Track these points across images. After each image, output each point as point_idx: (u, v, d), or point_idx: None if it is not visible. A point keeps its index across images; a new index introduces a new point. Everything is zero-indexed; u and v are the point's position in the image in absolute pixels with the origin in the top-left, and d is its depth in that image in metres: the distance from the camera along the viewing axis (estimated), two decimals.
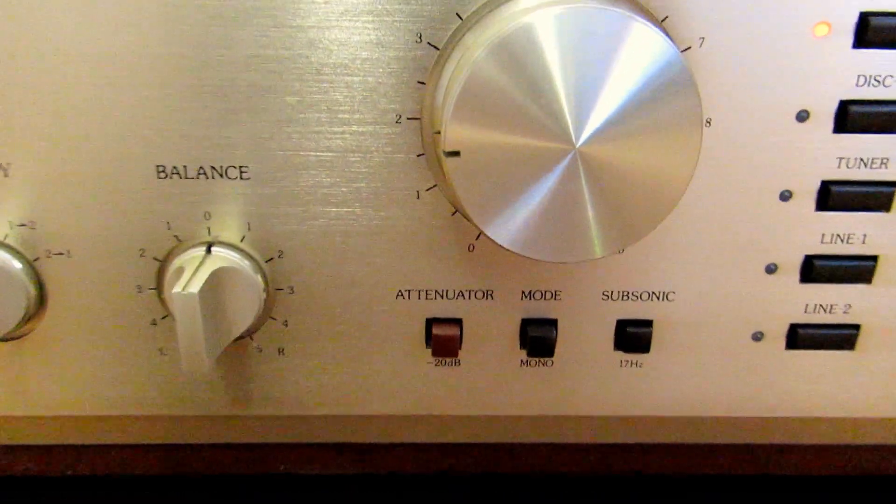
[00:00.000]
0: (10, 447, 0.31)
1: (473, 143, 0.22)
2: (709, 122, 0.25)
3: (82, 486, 0.32)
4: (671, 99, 0.22)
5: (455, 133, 0.22)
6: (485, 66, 0.21)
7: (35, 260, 0.26)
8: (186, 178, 0.26)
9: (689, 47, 0.24)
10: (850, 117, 0.25)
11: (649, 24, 0.21)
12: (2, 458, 0.31)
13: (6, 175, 0.25)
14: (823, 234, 0.27)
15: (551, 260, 0.23)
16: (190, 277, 0.25)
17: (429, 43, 0.24)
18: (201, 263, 0.25)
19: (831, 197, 0.26)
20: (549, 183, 0.22)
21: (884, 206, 0.27)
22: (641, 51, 0.21)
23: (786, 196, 0.26)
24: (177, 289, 0.24)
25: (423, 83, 0.25)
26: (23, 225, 0.26)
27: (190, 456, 0.32)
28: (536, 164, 0.22)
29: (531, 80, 0.21)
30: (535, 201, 0.22)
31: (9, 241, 0.26)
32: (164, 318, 0.28)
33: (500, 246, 0.23)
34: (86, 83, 0.24)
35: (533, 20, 0.21)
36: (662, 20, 0.24)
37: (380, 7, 0.24)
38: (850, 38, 0.24)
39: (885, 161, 0.26)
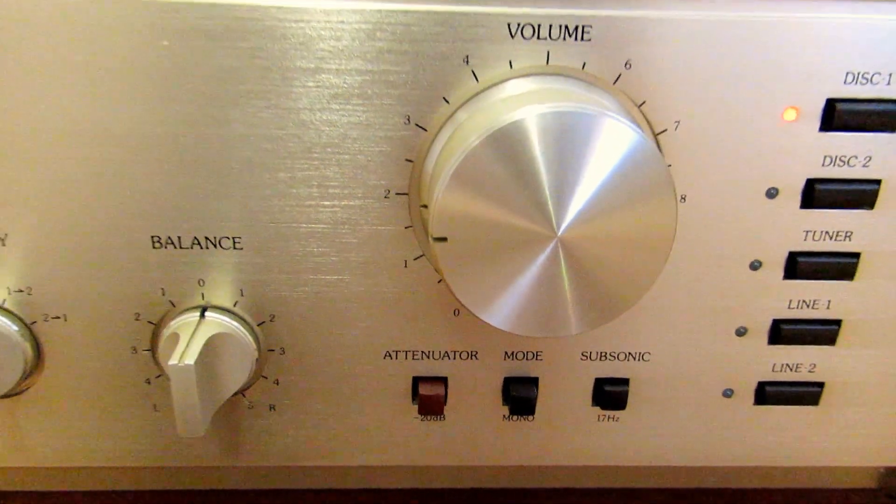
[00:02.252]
0: (4, 493, 0.32)
1: (460, 230, 0.23)
2: (684, 199, 0.26)
3: None
4: (645, 183, 0.23)
5: (443, 220, 0.23)
6: (474, 156, 0.22)
7: (32, 323, 0.27)
8: (181, 247, 0.26)
9: (666, 129, 0.26)
10: (817, 194, 0.27)
11: (620, 117, 0.22)
12: None
13: (3, 244, 0.26)
14: (790, 300, 0.29)
15: (532, 335, 0.24)
16: (186, 346, 0.26)
17: (416, 124, 0.25)
18: (196, 330, 0.26)
19: (799, 266, 0.28)
20: (531, 268, 0.23)
21: (848, 275, 0.28)
22: (615, 142, 0.22)
23: (756, 266, 0.28)
24: (173, 360, 0.25)
25: (410, 160, 0.26)
26: (20, 291, 0.27)
27: (180, 500, 0.33)
28: (520, 251, 0.23)
29: (517, 171, 0.22)
30: (518, 284, 0.23)
31: (7, 305, 0.27)
32: (157, 376, 0.28)
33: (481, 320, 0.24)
34: (83, 158, 0.25)
35: (522, 116, 0.22)
36: (640, 105, 0.25)
37: (369, 91, 0.25)
38: (817, 123, 0.26)
39: (849, 234, 0.27)
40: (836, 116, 0.25)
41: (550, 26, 0.24)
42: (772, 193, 0.27)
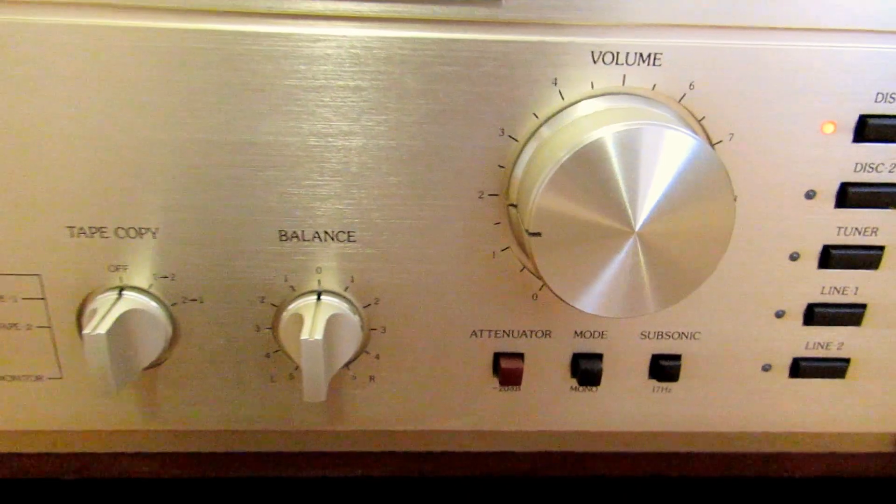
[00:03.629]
0: (135, 454, 0.37)
1: (553, 227, 0.27)
2: (736, 199, 0.31)
3: (197, 486, 0.38)
4: (706, 184, 0.27)
5: (539, 218, 0.27)
6: (564, 168, 0.26)
7: (173, 305, 0.32)
8: (303, 240, 0.31)
9: (721, 140, 0.30)
10: (849, 196, 0.31)
11: (683, 128, 0.27)
12: (126, 462, 0.36)
13: (154, 237, 0.30)
14: (823, 287, 0.33)
15: (616, 317, 0.29)
16: (311, 324, 0.30)
17: (509, 136, 0.29)
18: (316, 311, 0.31)
19: (831, 258, 0.32)
20: (614, 260, 0.27)
21: (873, 265, 0.33)
22: (679, 149, 0.26)
23: (794, 257, 0.32)
24: (304, 336, 0.29)
25: (502, 167, 0.30)
26: (164, 277, 0.31)
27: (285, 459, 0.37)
28: (604, 245, 0.27)
29: (600, 179, 0.26)
30: (603, 273, 0.27)
31: (153, 289, 0.31)
32: (276, 352, 0.33)
33: (571, 306, 0.28)
34: (224, 167, 0.29)
35: (602, 135, 0.26)
36: (700, 119, 0.29)
37: (471, 109, 0.29)
38: (850, 135, 0.30)
39: (875, 230, 0.32)
40: (868, 130, 0.30)
41: (627, 54, 0.28)
42: (810, 195, 0.31)
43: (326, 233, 0.31)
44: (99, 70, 0.27)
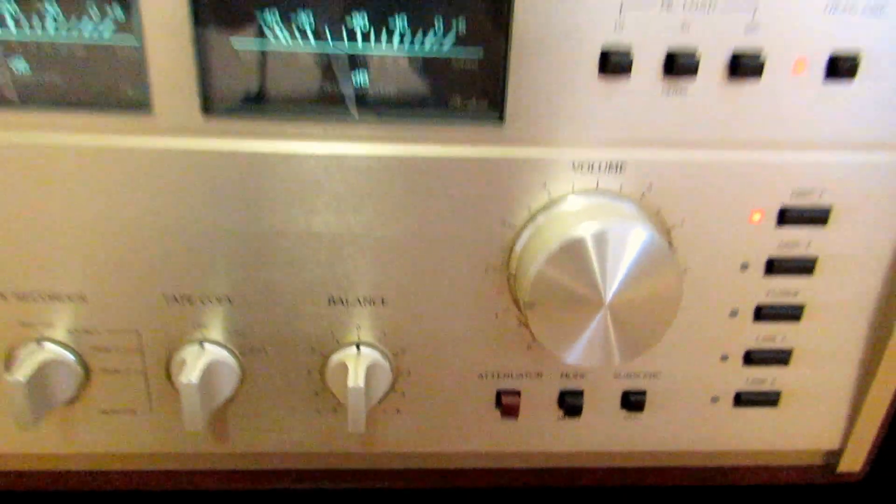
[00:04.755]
0: (206, 471, 0.45)
1: (543, 299, 0.35)
2: (686, 271, 0.39)
3: (256, 497, 0.46)
4: (659, 265, 0.35)
5: (533, 293, 0.35)
6: (553, 256, 0.34)
7: (243, 355, 0.40)
8: (347, 304, 0.39)
9: (675, 225, 0.38)
10: (775, 267, 0.39)
11: (642, 223, 0.35)
12: (198, 478, 0.44)
13: (230, 303, 0.39)
14: (757, 336, 0.41)
15: (590, 366, 0.37)
16: (354, 373, 0.38)
17: (509, 224, 0.38)
18: (358, 360, 0.39)
19: (762, 314, 0.41)
20: (590, 325, 0.35)
21: (797, 317, 0.41)
22: (638, 240, 0.35)
23: (734, 314, 0.41)
24: (350, 383, 0.38)
25: (503, 248, 0.38)
26: (237, 332, 0.39)
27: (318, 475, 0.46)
28: (582, 314, 0.35)
29: (580, 265, 0.34)
30: (582, 335, 0.36)
31: (228, 344, 0.39)
32: (322, 391, 0.41)
33: (557, 356, 0.37)
34: (284, 252, 0.38)
35: (582, 233, 0.34)
36: (657, 211, 0.38)
37: (478, 204, 0.37)
38: (774, 221, 0.39)
39: (796, 293, 0.40)
40: (787, 217, 0.38)
41: (599, 164, 0.37)
42: (745, 266, 0.39)
43: (365, 298, 0.39)
44: (188, 185, 0.36)
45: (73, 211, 0.36)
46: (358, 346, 0.40)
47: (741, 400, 0.43)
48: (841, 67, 0.35)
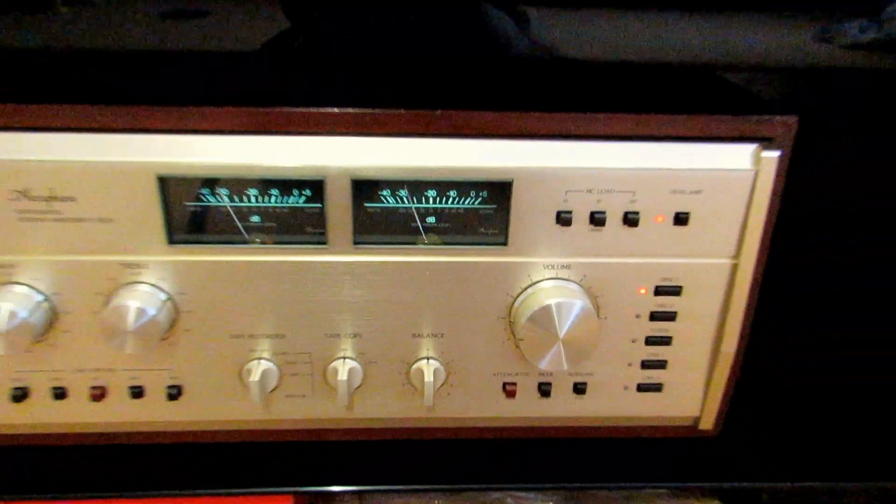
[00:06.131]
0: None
1: (528, 337, 0.68)
2: (605, 318, 0.72)
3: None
4: (588, 316, 0.68)
5: (521, 333, 0.68)
6: (533, 315, 0.67)
7: (366, 365, 0.73)
8: (423, 337, 0.72)
9: (598, 296, 0.71)
10: (654, 316, 0.72)
11: (583, 297, 0.68)
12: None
13: (361, 338, 0.71)
14: (647, 353, 0.75)
15: (553, 370, 0.70)
16: (427, 372, 0.71)
17: (510, 295, 0.70)
18: (427, 365, 0.72)
19: (649, 340, 0.74)
20: (552, 350, 0.68)
21: (669, 343, 0.74)
22: (578, 305, 0.68)
23: (634, 340, 0.74)
24: (426, 379, 0.71)
25: (508, 305, 0.71)
26: (363, 353, 0.72)
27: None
28: (548, 344, 0.68)
29: (547, 319, 0.67)
30: (547, 353, 0.69)
31: (359, 359, 0.72)
32: (408, 383, 0.74)
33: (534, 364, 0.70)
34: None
35: (549, 302, 0.67)
36: (588, 288, 0.71)
37: (489, 285, 0.70)
38: (652, 293, 0.71)
39: (667, 331, 0.73)
40: (659, 291, 0.71)
41: (559, 265, 0.69)
42: (638, 316, 0.72)
43: (432, 333, 0.72)
44: (343, 281, 0.68)
45: (282, 294, 0.69)
46: (427, 359, 0.73)
47: (640, 388, 0.76)
48: (682, 219, 0.68)
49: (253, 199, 0.66)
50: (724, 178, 0.67)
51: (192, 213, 0.65)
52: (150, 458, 0.80)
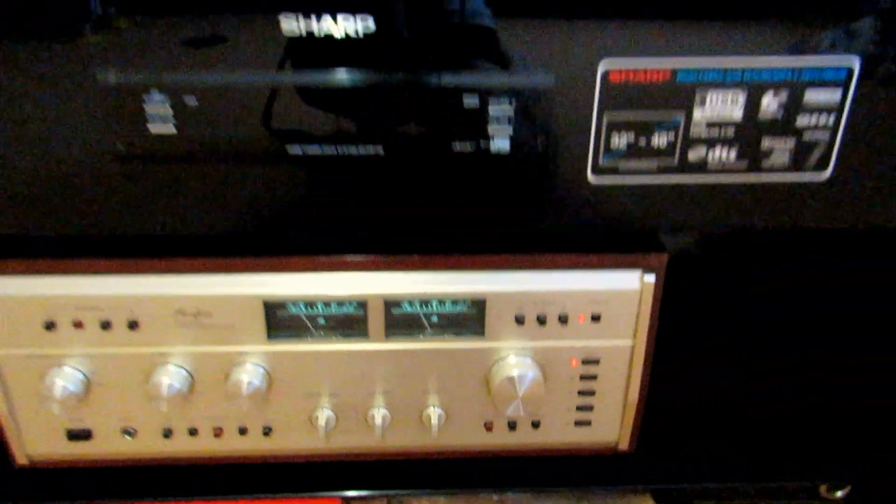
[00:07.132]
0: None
1: (498, 396, 1.05)
2: (548, 380, 1.09)
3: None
4: (536, 379, 1.05)
5: (494, 394, 1.05)
6: (500, 383, 1.04)
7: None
8: (429, 393, 1.09)
9: (545, 366, 1.08)
10: (582, 378, 1.10)
11: (535, 368, 1.05)
12: None
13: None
14: (580, 402, 1.12)
15: (515, 415, 1.07)
16: (432, 414, 1.08)
17: (485, 366, 1.07)
18: (433, 410, 1.09)
19: (580, 392, 1.11)
20: (513, 404, 1.05)
21: (594, 394, 1.11)
22: (533, 374, 1.05)
23: (570, 392, 1.11)
24: (433, 422, 1.08)
25: (485, 375, 1.08)
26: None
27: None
28: (511, 399, 1.05)
29: (509, 384, 1.04)
30: (510, 405, 1.06)
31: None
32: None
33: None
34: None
35: (513, 373, 1.04)
36: (532, 357, 1.07)
37: (474, 362, 1.07)
38: (581, 363, 1.08)
39: (593, 390, 1.10)
40: (584, 362, 1.08)
41: (514, 349, 1.06)
42: (571, 378, 1.09)
43: (433, 391, 1.09)
44: (379, 361, 1.06)
45: (338, 368, 1.06)
46: (433, 407, 1.10)
47: (577, 423, 1.13)
48: (596, 317, 1.04)
49: (321, 309, 1.03)
50: (622, 292, 1.04)
51: (282, 319, 1.02)
52: (228, 471, 1.17)
